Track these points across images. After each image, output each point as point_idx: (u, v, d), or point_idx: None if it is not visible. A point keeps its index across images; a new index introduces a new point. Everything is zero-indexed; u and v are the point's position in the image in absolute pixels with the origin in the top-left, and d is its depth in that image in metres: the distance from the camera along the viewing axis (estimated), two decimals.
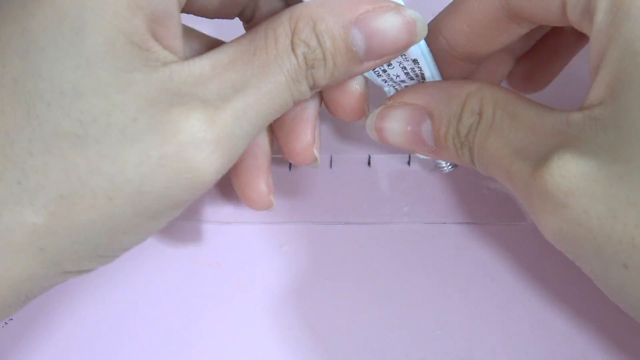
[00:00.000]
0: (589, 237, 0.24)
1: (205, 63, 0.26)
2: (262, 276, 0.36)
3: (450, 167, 0.33)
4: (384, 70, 0.30)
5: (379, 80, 0.30)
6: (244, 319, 0.35)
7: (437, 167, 0.33)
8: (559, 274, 0.34)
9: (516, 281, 0.34)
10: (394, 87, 0.31)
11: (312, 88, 0.28)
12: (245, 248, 0.37)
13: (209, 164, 0.25)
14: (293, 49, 0.26)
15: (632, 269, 0.24)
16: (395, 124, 0.30)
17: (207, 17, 0.30)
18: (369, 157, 0.38)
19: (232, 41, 0.27)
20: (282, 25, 0.26)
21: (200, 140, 0.25)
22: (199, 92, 0.25)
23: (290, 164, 0.38)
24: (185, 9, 0.28)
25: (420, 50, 0.29)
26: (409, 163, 0.38)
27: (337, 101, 0.30)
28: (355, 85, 0.30)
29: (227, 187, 0.38)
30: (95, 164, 0.24)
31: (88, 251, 0.26)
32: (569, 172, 0.24)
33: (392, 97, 0.30)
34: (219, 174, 0.26)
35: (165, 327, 0.35)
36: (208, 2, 0.29)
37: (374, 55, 0.27)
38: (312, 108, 0.31)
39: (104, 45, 0.24)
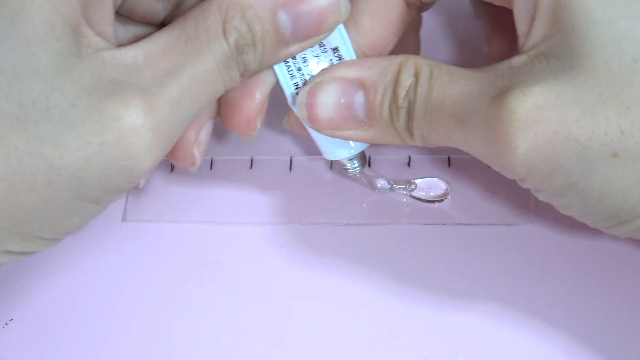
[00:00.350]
0: (569, 142, 0.25)
1: (138, 52, 0.26)
2: (263, 277, 0.36)
3: (356, 168, 0.33)
4: (299, 69, 0.30)
5: (290, 83, 0.31)
6: (245, 320, 0.35)
7: (343, 169, 0.34)
8: (559, 275, 0.34)
9: (516, 282, 0.34)
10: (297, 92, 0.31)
11: (242, 74, 0.28)
12: (246, 248, 0.37)
13: (148, 150, 0.26)
14: (225, 36, 0.27)
15: (622, 155, 0.25)
16: (328, 98, 0.30)
17: (134, 21, 0.31)
18: (369, 158, 0.38)
19: (162, 30, 0.27)
20: (213, 15, 0.27)
21: (139, 127, 0.25)
22: (134, 79, 0.26)
23: (290, 166, 0.39)
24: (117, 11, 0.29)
25: (341, 36, 0.29)
26: (409, 164, 0.38)
27: (234, 106, 0.30)
28: (257, 93, 0.30)
29: (226, 188, 0.39)
30: (35, 147, 0.25)
31: (29, 233, 0.26)
32: (533, 92, 0.26)
33: (319, 74, 0.30)
34: (157, 160, 0.27)
35: (165, 328, 0.35)
36: (135, 5, 0.30)
37: (301, 37, 0.28)
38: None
39: (43, 27, 0.25)
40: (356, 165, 0.33)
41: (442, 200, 0.36)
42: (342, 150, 0.32)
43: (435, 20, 0.41)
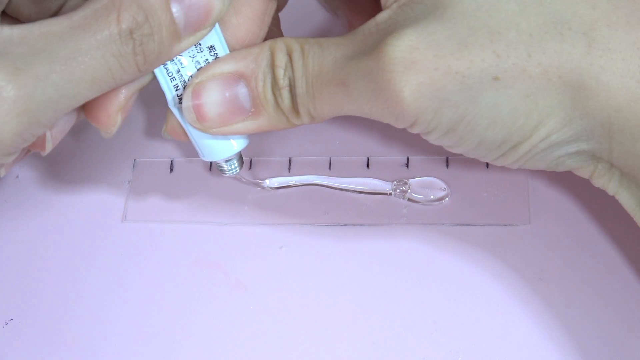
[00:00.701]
0: (450, 75, 0.26)
1: (14, 31, 0.26)
2: (262, 277, 0.36)
3: (233, 170, 0.34)
4: (178, 71, 0.30)
5: (170, 86, 0.31)
6: (245, 320, 0.35)
7: (219, 170, 0.34)
8: (557, 275, 0.34)
9: (514, 282, 0.35)
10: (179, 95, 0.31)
11: (140, 67, 0.28)
12: (245, 249, 0.37)
13: (5, 121, 0.26)
14: (118, 24, 0.27)
15: (502, 77, 0.26)
16: (212, 96, 0.30)
17: (21, 20, 0.31)
18: (367, 159, 0.38)
19: (51, 18, 0.27)
20: (105, 4, 0.27)
21: None
22: (2, 52, 0.26)
23: (289, 167, 0.39)
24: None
25: (216, 34, 0.30)
26: (407, 165, 0.38)
27: (97, 99, 0.30)
28: (122, 91, 0.30)
29: (225, 189, 0.39)
30: None
31: None
32: (405, 34, 0.27)
33: (198, 74, 0.30)
34: (20, 136, 0.26)
35: (166, 328, 0.35)
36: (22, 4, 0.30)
37: (191, 29, 0.29)
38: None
39: None
40: (235, 166, 0.34)
41: (441, 201, 0.37)
42: (225, 150, 0.33)
43: (295, 17, 0.40)
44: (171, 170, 0.40)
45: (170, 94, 0.31)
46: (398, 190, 0.37)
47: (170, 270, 0.37)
